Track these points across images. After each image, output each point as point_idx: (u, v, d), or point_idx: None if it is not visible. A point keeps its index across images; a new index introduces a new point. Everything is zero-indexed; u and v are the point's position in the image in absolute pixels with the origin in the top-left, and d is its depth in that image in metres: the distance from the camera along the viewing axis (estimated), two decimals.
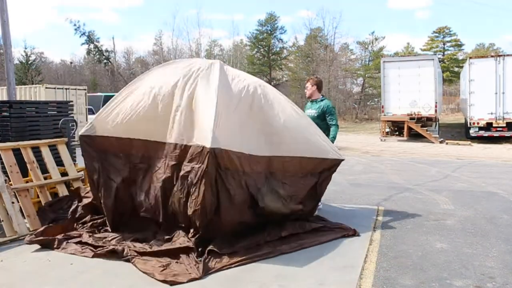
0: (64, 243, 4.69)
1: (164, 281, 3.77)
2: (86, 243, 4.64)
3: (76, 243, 4.69)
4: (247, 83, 5.05)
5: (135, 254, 4.29)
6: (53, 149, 6.24)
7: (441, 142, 17.45)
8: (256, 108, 4.90)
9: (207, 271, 3.98)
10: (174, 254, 4.26)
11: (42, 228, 4.96)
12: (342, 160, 5.41)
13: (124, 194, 4.93)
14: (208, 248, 4.30)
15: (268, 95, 5.08)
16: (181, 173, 4.52)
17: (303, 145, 5.06)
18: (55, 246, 4.65)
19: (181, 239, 4.48)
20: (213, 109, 4.41)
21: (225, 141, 4.37)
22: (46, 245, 4.68)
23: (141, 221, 4.91)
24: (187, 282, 3.79)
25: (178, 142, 4.63)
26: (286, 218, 4.99)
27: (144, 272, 3.96)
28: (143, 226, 4.89)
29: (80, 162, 7.97)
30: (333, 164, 5.31)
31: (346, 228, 5.20)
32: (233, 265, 4.13)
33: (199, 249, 4.31)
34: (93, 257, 4.38)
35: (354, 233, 5.10)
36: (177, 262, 4.13)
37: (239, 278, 3.90)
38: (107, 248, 4.45)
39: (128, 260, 4.21)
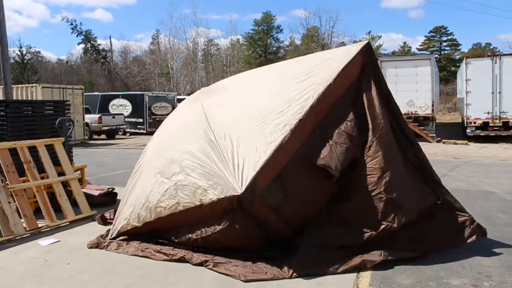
0: (125, 244, 4.61)
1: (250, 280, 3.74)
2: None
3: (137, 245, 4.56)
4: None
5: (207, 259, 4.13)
6: (50, 148, 6.22)
7: (438, 141, 17.48)
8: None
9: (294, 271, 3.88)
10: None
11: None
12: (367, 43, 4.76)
13: None
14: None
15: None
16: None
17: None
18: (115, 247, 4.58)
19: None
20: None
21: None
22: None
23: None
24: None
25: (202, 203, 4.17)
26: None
27: (227, 275, 3.86)
28: None
29: (77, 161, 8.00)
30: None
31: None
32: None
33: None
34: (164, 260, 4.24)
35: None
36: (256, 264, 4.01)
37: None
38: (176, 255, 4.28)
39: (201, 264, 4.06)
